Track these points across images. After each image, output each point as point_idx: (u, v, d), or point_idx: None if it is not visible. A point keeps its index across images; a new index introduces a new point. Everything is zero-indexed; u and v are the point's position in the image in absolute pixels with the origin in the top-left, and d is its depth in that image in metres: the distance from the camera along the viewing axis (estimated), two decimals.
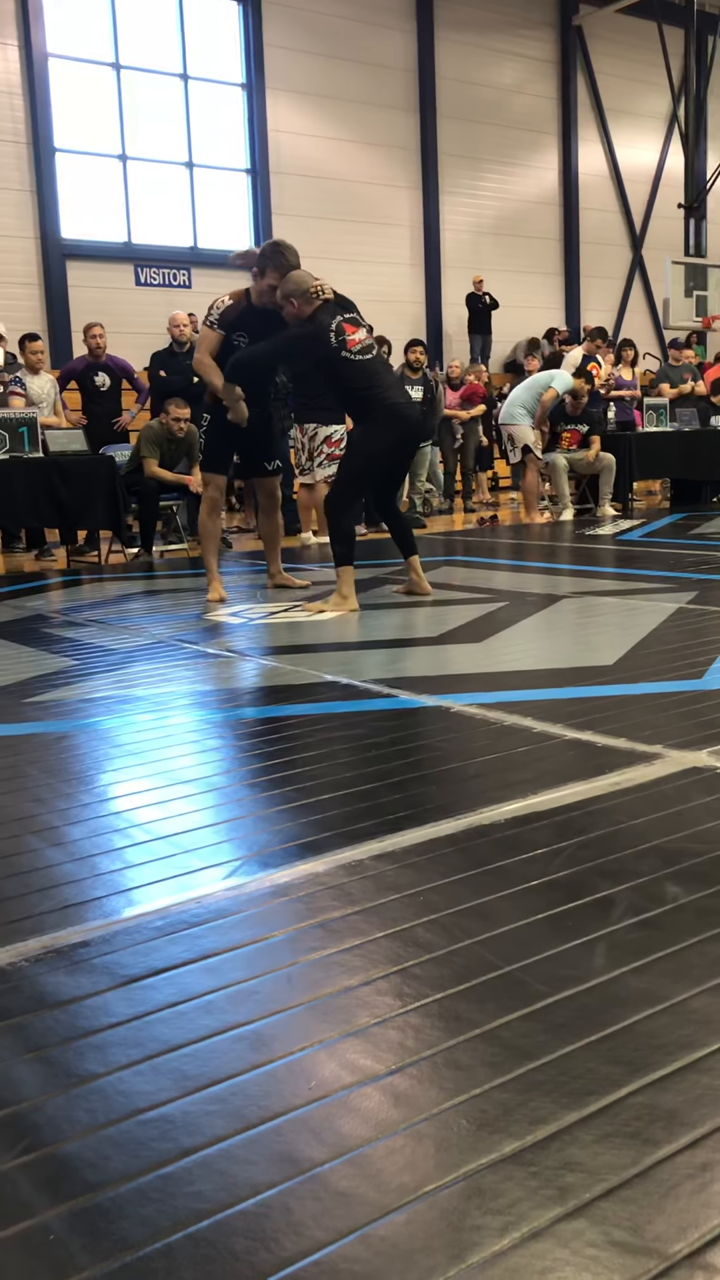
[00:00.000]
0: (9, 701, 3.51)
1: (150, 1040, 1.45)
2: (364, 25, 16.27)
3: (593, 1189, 1.13)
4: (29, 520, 7.86)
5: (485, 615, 4.82)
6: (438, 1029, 1.45)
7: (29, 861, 2.10)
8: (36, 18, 13.51)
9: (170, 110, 14.96)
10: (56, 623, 5.15)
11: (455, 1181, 1.15)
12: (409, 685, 3.49)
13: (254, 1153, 1.21)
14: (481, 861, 2.00)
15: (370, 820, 2.26)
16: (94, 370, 9.15)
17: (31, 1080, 1.37)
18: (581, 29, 18.73)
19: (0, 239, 13.50)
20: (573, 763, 2.59)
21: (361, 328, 5.29)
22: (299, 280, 5.21)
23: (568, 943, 1.67)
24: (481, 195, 17.95)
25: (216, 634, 4.64)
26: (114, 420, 9.19)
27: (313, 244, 15.67)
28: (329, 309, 5.22)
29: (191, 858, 2.10)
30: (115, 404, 9.31)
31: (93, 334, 9.18)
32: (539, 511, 9.78)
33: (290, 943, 1.72)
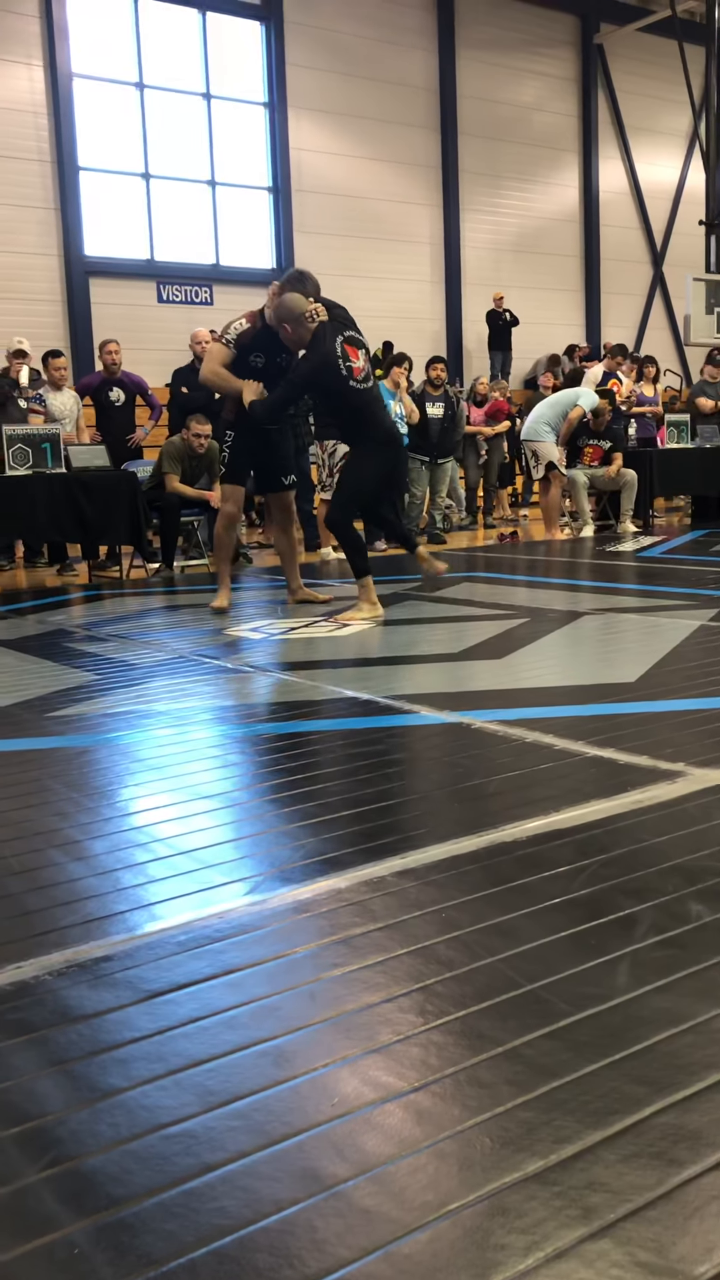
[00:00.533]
0: (32, 716, 3.53)
1: (173, 1055, 1.46)
2: (386, 45, 16.39)
3: (617, 1209, 1.13)
4: (52, 535, 7.91)
5: (506, 631, 4.82)
6: (460, 1046, 1.45)
7: (52, 875, 2.11)
8: (61, 39, 13.66)
9: (193, 129, 15.09)
10: (78, 638, 5.18)
11: (479, 1200, 1.15)
12: (429, 701, 3.49)
13: (277, 1169, 1.21)
14: (503, 879, 2.00)
15: (392, 836, 2.26)
16: (109, 386, 9.22)
17: (55, 1094, 1.38)
18: (603, 47, 18.80)
19: (25, 256, 13.63)
20: (594, 780, 2.59)
21: (361, 347, 5.44)
22: (293, 304, 5.28)
23: (590, 961, 1.67)
24: (502, 212, 18.01)
25: (237, 649, 4.66)
26: (128, 436, 9.25)
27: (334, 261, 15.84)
28: (328, 330, 5.28)
29: (213, 873, 2.10)
30: (129, 420, 9.37)
31: (108, 350, 9.26)
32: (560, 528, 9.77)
33: (312, 959, 1.73)
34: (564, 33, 18.51)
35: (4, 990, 1.66)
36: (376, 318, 14.78)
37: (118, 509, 7.51)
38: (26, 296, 13.56)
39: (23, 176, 13.60)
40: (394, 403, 9.19)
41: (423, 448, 9.77)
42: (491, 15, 17.43)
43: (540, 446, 9.46)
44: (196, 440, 7.94)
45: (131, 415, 9.40)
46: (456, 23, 17.02)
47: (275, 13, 15.34)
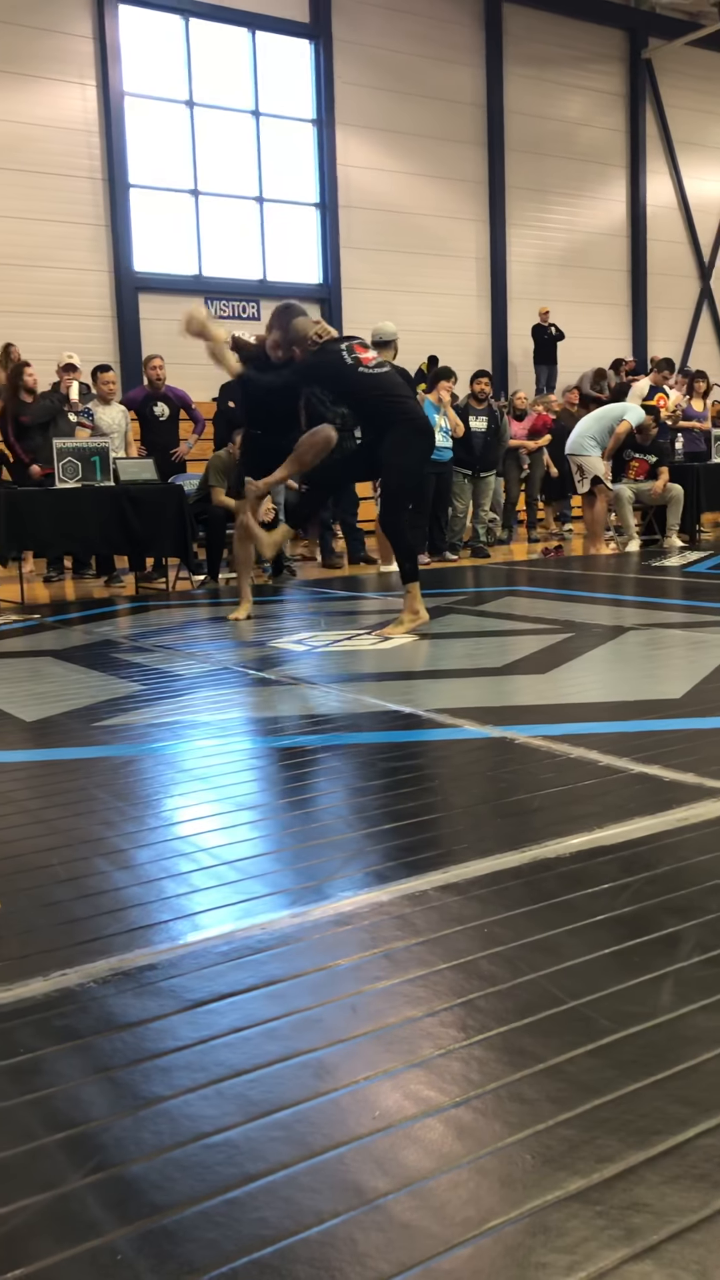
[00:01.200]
0: (78, 725, 3.57)
1: (215, 1065, 1.47)
2: (433, 61, 16.46)
3: (660, 1231, 1.12)
4: (100, 548, 8.00)
5: (550, 646, 4.80)
6: (502, 1062, 1.44)
7: (98, 884, 2.14)
8: (114, 59, 13.87)
9: (242, 146, 15.24)
10: (125, 648, 5.23)
11: (520, 1218, 1.14)
12: (472, 716, 3.49)
13: (318, 1181, 1.22)
14: (547, 895, 1.99)
15: (434, 850, 2.26)
16: (153, 400, 9.32)
17: (100, 1100, 1.39)
18: (650, 62, 18.76)
19: (76, 272, 13.83)
20: (639, 797, 2.57)
21: (370, 349, 5.46)
22: (300, 328, 5.47)
23: (634, 979, 1.65)
24: (548, 227, 18.00)
25: (279, 662, 4.68)
26: (171, 450, 9.34)
27: (380, 276, 15.93)
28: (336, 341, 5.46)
29: (256, 883, 2.11)
30: (173, 434, 9.47)
31: (153, 365, 9.37)
32: (605, 542, 9.72)
33: (354, 971, 1.73)
34: (612, 48, 18.49)
35: (50, 997, 1.67)
36: (422, 332, 14.83)
37: (165, 522, 7.58)
38: (78, 312, 13.75)
39: (75, 194, 13.80)
40: (439, 417, 9.20)
41: (466, 461, 9.77)
42: (539, 31, 17.46)
43: (585, 461, 9.43)
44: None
45: (175, 429, 9.49)
46: (504, 39, 17.06)
47: (324, 31, 15.47)
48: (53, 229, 13.59)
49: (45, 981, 1.72)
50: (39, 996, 1.68)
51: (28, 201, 13.40)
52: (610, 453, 9.59)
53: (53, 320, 13.38)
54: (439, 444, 9.22)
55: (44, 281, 13.50)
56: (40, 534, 7.31)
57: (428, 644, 5.04)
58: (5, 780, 2.95)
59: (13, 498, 7.23)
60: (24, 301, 13.30)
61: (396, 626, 5.31)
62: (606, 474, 9.53)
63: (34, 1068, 1.47)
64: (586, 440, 9.45)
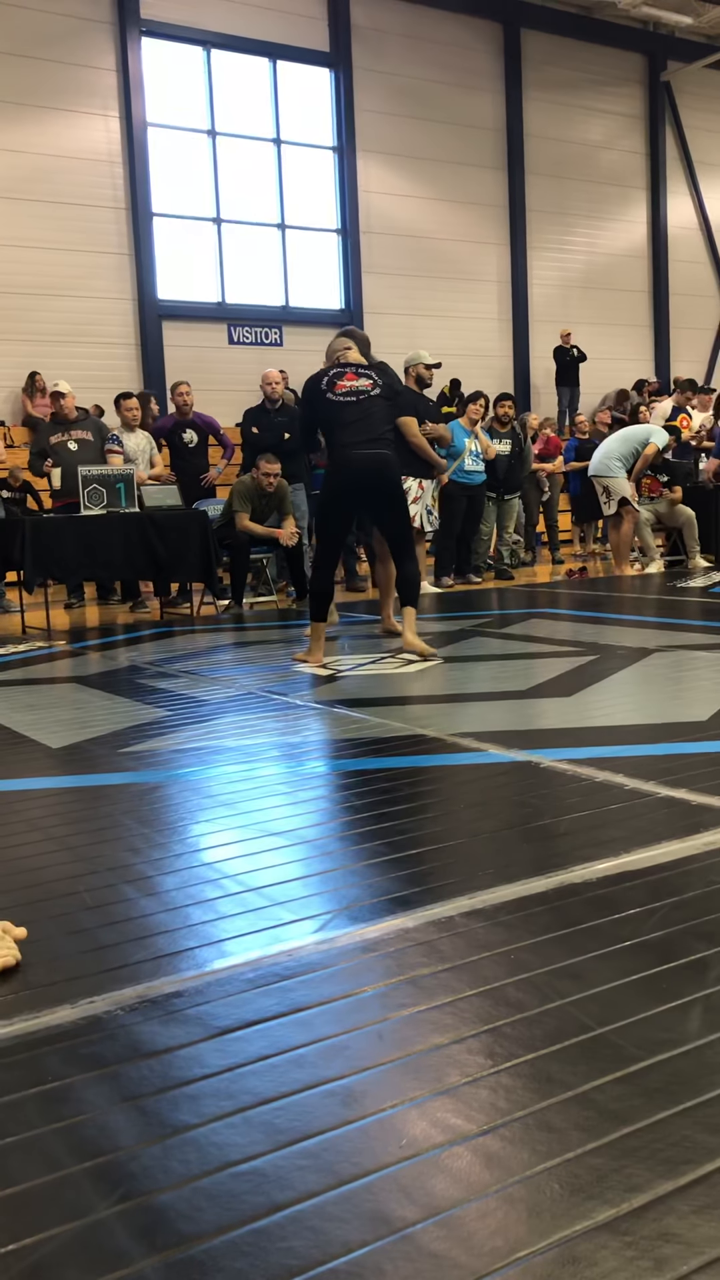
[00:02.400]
0: (104, 751, 3.59)
1: (242, 1092, 1.47)
2: (453, 88, 16.59)
3: (690, 1262, 1.11)
4: (125, 573, 8.04)
5: (575, 669, 4.79)
6: (529, 1090, 1.44)
7: (124, 911, 2.14)
8: (137, 89, 14.06)
9: (263, 174, 15.39)
10: (150, 674, 5.25)
11: (549, 1248, 1.14)
12: (497, 739, 3.48)
13: (346, 1210, 1.22)
14: (573, 921, 1.98)
15: (459, 876, 2.25)
16: (182, 427, 9.38)
17: (127, 1128, 1.39)
18: (670, 84, 18.83)
19: (100, 300, 13.98)
20: (666, 821, 2.56)
21: (364, 377, 5.43)
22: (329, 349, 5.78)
23: (662, 1005, 1.64)
24: (569, 250, 18.06)
25: (304, 686, 4.69)
26: (201, 476, 9.39)
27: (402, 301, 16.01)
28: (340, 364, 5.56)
29: (282, 910, 2.11)
30: (203, 460, 9.52)
31: (180, 392, 9.42)
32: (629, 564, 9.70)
33: (380, 998, 1.73)
34: (630, 71, 18.58)
35: (77, 1025, 1.68)
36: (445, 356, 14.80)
37: (189, 547, 7.63)
38: (102, 340, 13.89)
39: (99, 224, 13.97)
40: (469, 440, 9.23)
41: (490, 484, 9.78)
42: (558, 56, 17.57)
43: (612, 482, 9.42)
44: (266, 479, 8.04)
45: (205, 455, 9.55)
46: (523, 64, 17.18)
47: (344, 59, 15.62)
48: (77, 259, 13.76)
49: (73, 1009, 1.73)
50: (66, 1024, 1.68)
51: (53, 232, 13.57)
52: (637, 474, 9.59)
53: (78, 349, 13.52)
54: (469, 467, 9.25)
55: (69, 310, 13.65)
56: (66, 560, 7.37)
57: (452, 667, 5.04)
58: (32, 807, 2.97)
59: (39, 525, 7.29)
60: (50, 331, 13.45)
61: (308, 654, 5.36)
62: (633, 495, 9.52)
63: (62, 1096, 1.48)
64: (612, 461, 9.45)
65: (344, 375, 5.44)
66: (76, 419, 8.91)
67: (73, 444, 8.61)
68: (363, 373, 5.47)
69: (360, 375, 5.46)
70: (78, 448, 8.57)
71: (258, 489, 8.11)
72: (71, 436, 8.66)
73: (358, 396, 5.35)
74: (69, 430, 8.71)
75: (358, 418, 5.32)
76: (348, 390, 5.35)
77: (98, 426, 9.00)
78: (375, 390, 5.40)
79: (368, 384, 5.41)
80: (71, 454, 8.51)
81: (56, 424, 8.83)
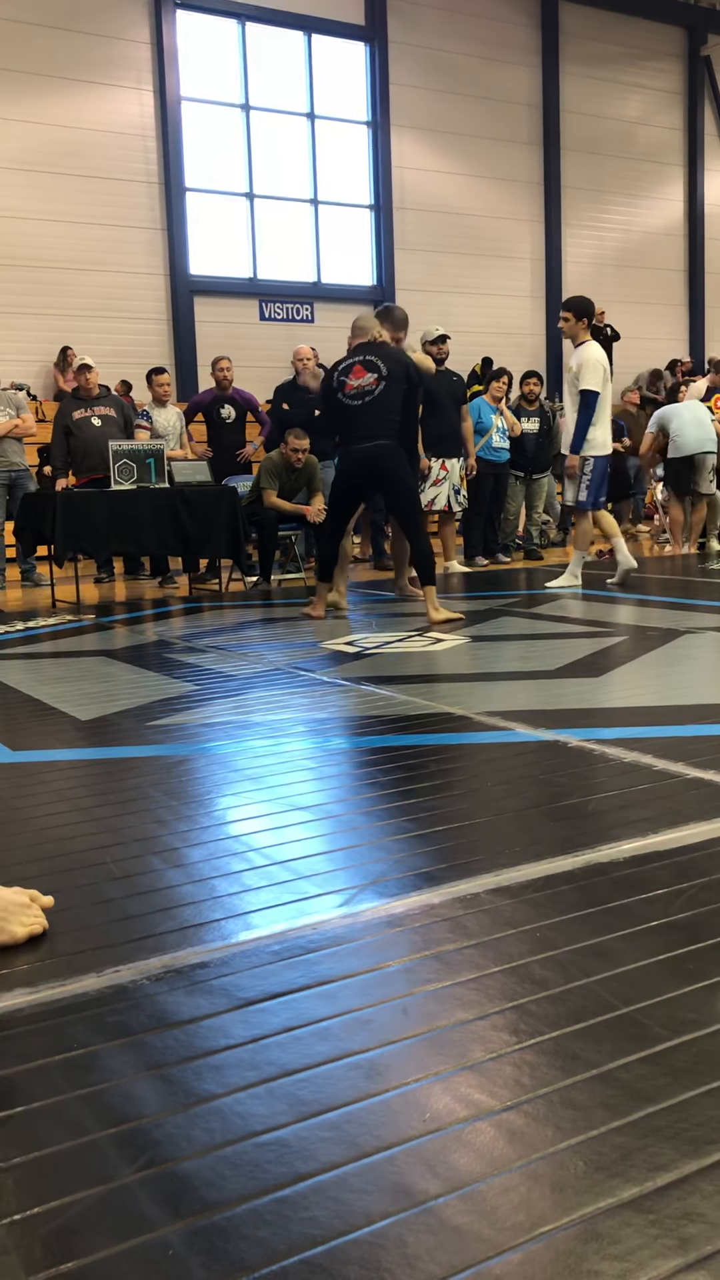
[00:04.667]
0: (133, 724, 3.60)
1: (266, 1064, 1.47)
2: (489, 62, 16.41)
3: (715, 1241, 1.10)
4: (154, 548, 8.06)
5: (603, 649, 4.76)
6: (553, 1067, 1.43)
7: (151, 881, 2.15)
8: (171, 64, 13.99)
9: (296, 148, 15.30)
10: (178, 649, 5.27)
11: (572, 1224, 1.13)
12: (525, 718, 3.47)
13: (368, 1182, 1.22)
14: (600, 900, 1.98)
15: (486, 853, 2.25)
16: (220, 403, 9.37)
17: (152, 1097, 1.40)
18: (709, 59, 18.55)
19: (133, 276, 13.96)
20: (694, 802, 2.54)
21: (373, 371, 5.87)
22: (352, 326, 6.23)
23: (688, 985, 1.63)
24: (604, 227, 17.87)
25: (332, 663, 4.69)
26: (238, 452, 9.38)
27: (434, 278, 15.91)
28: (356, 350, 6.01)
29: (308, 884, 2.12)
30: (240, 436, 9.51)
31: (220, 367, 9.40)
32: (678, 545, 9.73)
33: (405, 973, 1.73)
34: (669, 45, 18.31)
35: (103, 993, 1.69)
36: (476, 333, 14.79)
37: (218, 523, 7.63)
38: (133, 315, 13.89)
39: (132, 198, 13.94)
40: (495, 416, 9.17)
41: (518, 463, 9.72)
42: (595, 30, 17.34)
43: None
44: (294, 455, 8.02)
45: (242, 431, 9.54)
46: (560, 38, 16.96)
47: (379, 33, 15.48)
48: (110, 233, 13.74)
49: (98, 978, 1.74)
50: (92, 992, 1.69)
51: (85, 206, 13.55)
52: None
53: (109, 324, 13.53)
54: (495, 444, 9.20)
55: (101, 285, 13.65)
56: (96, 535, 7.39)
57: (480, 646, 5.02)
58: (60, 778, 2.98)
59: (69, 500, 7.31)
60: (81, 305, 13.46)
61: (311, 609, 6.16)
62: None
63: (87, 1063, 1.49)
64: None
65: (353, 370, 5.89)
66: (99, 395, 8.92)
67: (96, 420, 8.62)
68: (371, 364, 5.86)
69: (368, 369, 5.87)
70: (101, 424, 8.58)
71: (286, 465, 8.09)
72: (95, 413, 8.67)
73: (363, 399, 5.85)
74: (92, 406, 8.72)
75: (362, 417, 5.88)
76: (355, 391, 5.85)
77: (119, 404, 9.01)
78: (380, 385, 5.84)
79: (373, 380, 5.85)
80: (96, 429, 8.52)
81: (78, 400, 8.83)
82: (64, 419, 8.69)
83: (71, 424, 8.61)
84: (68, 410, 8.77)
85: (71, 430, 8.58)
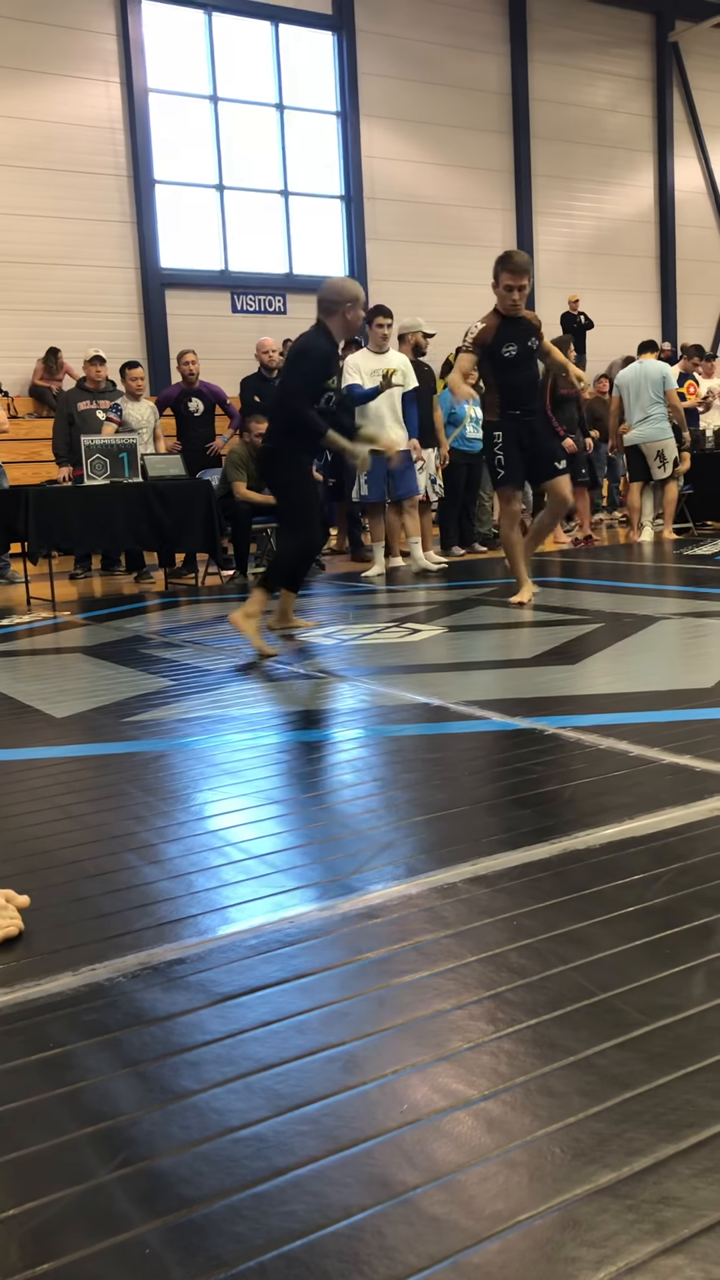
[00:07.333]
0: (109, 720, 3.59)
1: (244, 1059, 1.47)
2: (457, 50, 16.37)
3: (691, 1225, 1.11)
4: (129, 543, 8.02)
5: (580, 636, 4.77)
6: (531, 1055, 1.43)
7: (127, 878, 2.14)
8: (138, 55, 13.89)
9: (266, 139, 15.23)
10: (154, 644, 5.24)
11: (550, 1211, 1.13)
12: (501, 707, 3.47)
13: (346, 1174, 1.21)
14: (577, 886, 1.98)
15: (463, 843, 2.25)
16: (188, 396, 9.34)
17: (129, 1095, 1.39)
18: (677, 45, 18.56)
19: (102, 269, 13.87)
20: (671, 787, 2.55)
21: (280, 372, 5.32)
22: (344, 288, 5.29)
23: (665, 970, 1.64)
24: (576, 215, 17.87)
25: (309, 655, 4.68)
26: (207, 445, 9.36)
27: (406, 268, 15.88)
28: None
29: (284, 877, 2.11)
30: (209, 429, 9.49)
31: (186, 360, 9.38)
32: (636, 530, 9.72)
33: (382, 965, 1.72)
34: (638, 31, 18.31)
35: (79, 991, 1.68)
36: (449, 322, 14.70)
37: (193, 517, 7.60)
38: (105, 309, 13.80)
39: (101, 191, 13.84)
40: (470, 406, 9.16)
41: None
42: (563, 17, 17.32)
43: (668, 445, 9.43)
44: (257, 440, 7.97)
45: (211, 425, 9.52)
46: (528, 26, 16.93)
47: (347, 22, 15.41)
48: (79, 227, 13.64)
49: (75, 976, 1.73)
50: (68, 991, 1.68)
51: (54, 200, 13.44)
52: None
53: (80, 318, 13.43)
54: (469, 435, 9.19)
55: (71, 280, 13.55)
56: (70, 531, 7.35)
57: (457, 635, 5.02)
58: (36, 776, 2.97)
59: (42, 496, 7.27)
60: (52, 300, 13.36)
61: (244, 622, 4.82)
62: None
63: (64, 1062, 1.48)
64: (667, 425, 9.44)
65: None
66: (105, 389, 8.90)
67: (100, 413, 8.59)
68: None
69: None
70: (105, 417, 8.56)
71: (249, 453, 8.04)
72: (100, 405, 8.64)
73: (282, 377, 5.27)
74: (97, 399, 8.69)
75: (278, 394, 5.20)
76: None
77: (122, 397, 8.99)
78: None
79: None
80: (100, 422, 8.49)
81: (84, 391, 8.80)
82: (68, 408, 8.68)
83: (75, 414, 8.58)
84: (73, 400, 8.77)
85: (74, 420, 8.56)
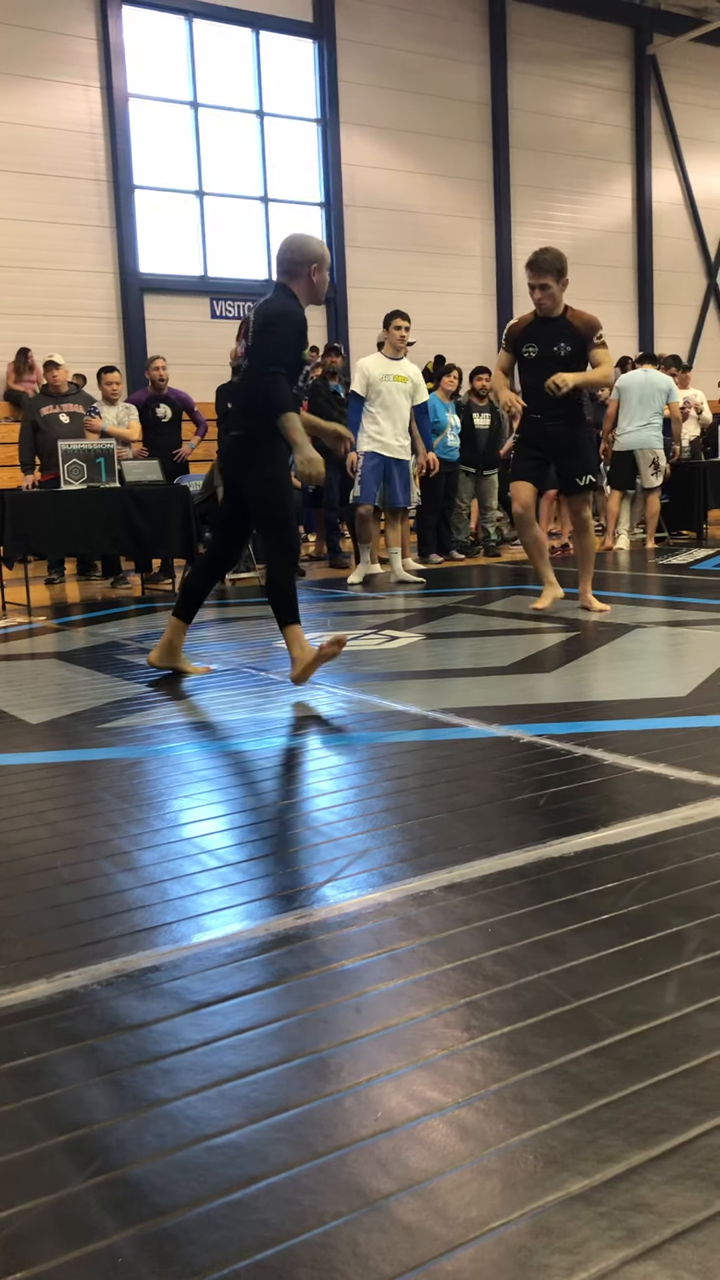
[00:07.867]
0: (84, 727, 3.57)
1: (218, 1066, 1.47)
2: (438, 60, 16.44)
3: (662, 1231, 1.11)
4: (106, 549, 7.99)
5: (556, 645, 4.79)
6: (505, 1063, 1.44)
7: (102, 886, 2.14)
8: (118, 60, 13.87)
9: (246, 146, 15.24)
10: (131, 649, 5.23)
11: (522, 1219, 1.14)
12: (478, 715, 3.48)
13: (320, 1182, 1.22)
14: (551, 894, 1.99)
15: (439, 851, 2.25)
16: (156, 402, 9.32)
17: (103, 1103, 1.39)
18: (655, 58, 18.71)
19: (82, 274, 13.83)
20: (644, 796, 2.57)
21: (242, 338, 4.35)
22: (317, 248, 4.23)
23: (639, 979, 1.65)
24: (554, 225, 17.97)
25: (286, 663, 4.67)
26: (174, 451, 9.34)
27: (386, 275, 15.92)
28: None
29: (259, 885, 2.11)
30: (176, 436, 9.48)
31: (155, 366, 9.38)
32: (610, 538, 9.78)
33: (358, 972, 1.73)
34: (617, 44, 18.45)
35: (53, 999, 1.68)
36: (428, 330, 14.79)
37: (170, 523, 7.58)
38: (84, 314, 13.76)
39: (80, 196, 13.81)
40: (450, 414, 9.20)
41: (470, 459, 9.75)
42: (543, 28, 17.43)
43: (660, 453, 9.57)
44: None
45: (178, 431, 9.50)
46: (508, 36, 17.03)
47: (328, 30, 15.45)
48: (58, 231, 13.60)
49: (49, 984, 1.73)
50: (43, 999, 1.68)
51: (33, 204, 13.40)
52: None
53: (59, 323, 13.39)
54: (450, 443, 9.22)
55: (50, 284, 13.51)
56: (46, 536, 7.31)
57: (434, 643, 5.04)
58: (10, 783, 2.95)
59: (18, 500, 7.24)
60: (31, 304, 13.31)
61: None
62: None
63: (37, 1070, 1.48)
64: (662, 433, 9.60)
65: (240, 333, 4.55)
66: (67, 392, 8.85)
67: (65, 417, 8.54)
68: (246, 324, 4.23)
69: (242, 334, 4.34)
70: (69, 420, 8.51)
71: None
72: (63, 409, 8.59)
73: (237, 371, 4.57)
74: (60, 403, 8.64)
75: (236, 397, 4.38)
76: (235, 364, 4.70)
77: (88, 400, 8.94)
78: (244, 354, 4.22)
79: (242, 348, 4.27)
80: (64, 426, 8.44)
81: (47, 396, 8.76)
82: (32, 414, 8.63)
83: (39, 420, 8.54)
84: (36, 406, 8.71)
85: (39, 426, 8.51)
